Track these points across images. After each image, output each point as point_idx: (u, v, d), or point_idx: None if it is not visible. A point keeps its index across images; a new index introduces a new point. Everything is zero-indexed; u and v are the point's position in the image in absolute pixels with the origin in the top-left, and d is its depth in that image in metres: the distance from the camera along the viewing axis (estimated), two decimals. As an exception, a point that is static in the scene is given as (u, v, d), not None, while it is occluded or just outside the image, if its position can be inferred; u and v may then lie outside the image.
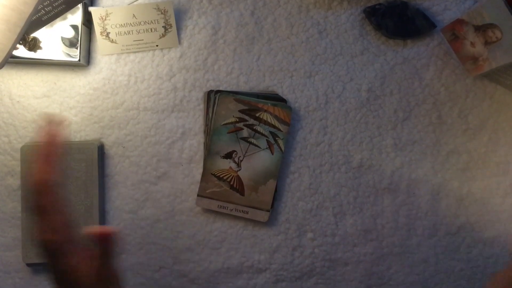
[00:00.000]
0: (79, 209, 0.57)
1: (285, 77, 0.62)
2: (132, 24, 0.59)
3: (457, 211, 0.62)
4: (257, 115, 0.60)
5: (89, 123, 0.60)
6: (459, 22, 0.57)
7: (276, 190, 0.60)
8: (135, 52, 0.60)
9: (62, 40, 0.57)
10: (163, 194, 0.60)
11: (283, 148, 0.60)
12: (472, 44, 0.57)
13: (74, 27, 0.57)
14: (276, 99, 0.61)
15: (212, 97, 0.60)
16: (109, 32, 0.59)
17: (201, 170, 0.60)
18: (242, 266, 0.61)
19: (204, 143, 0.61)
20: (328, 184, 0.61)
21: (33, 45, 0.54)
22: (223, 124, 0.60)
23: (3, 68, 0.43)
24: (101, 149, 0.59)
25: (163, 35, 0.60)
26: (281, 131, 0.60)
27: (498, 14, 0.52)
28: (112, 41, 0.59)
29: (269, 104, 0.60)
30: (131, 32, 0.59)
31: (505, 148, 0.62)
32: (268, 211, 0.60)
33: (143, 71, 0.61)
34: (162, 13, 0.59)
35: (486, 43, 0.55)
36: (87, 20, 0.59)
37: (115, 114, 0.60)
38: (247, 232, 0.61)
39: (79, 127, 0.60)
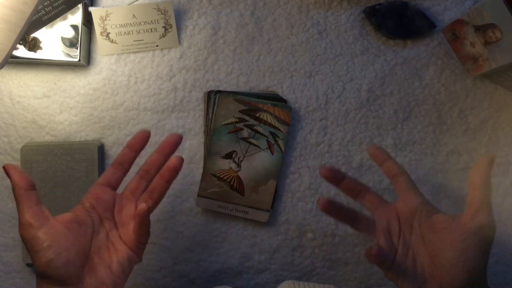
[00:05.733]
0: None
1: (285, 77, 0.62)
2: (132, 24, 0.59)
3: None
4: (257, 115, 0.60)
5: (89, 123, 0.60)
6: (459, 22, 0.57)
7: (276, 190, 0.60)
8: (135, 52, 0.60)
9: (62, 40, 0.57)
10: (163, 194, 0.60)
11: (283, 148, 0.60)
12: (472, 44, 0.57)
13: (74, 27, 0.57)
14: (276, 99, 0.61)
15: (212, 97, 0.60)
16: (109, 32, 0.59)
17: (201, 170, 0.60)
18: (242, 267, 0.61)
19: (204, 143, 0.61)
20: (328, 185, 0.61)
21: (33, 45, 0.54)
22: (223, 124, 0.60)
23: (3, 68, 0.43)
24: (101, 149, 0.59)
25: (163, 35, 0.60)
26: (281, 131, 0.60)
27: (498, 14, 0.52)
28: (112, 41, 0.59)
29: (269, 104, 0.60)
30: (131, 32, 0.59)
31: (505, 148, 0.62)
32: (268, 211, 0.59)
33: (143, 71, 0.61)
34: (162, 13, 0.59)
35: (486, 43, 0.55)
36: (87, 20, 0.59)
37: (115, 114, 0.60)
38: (247, 232, 0.61)
39: (79, 127, 0.60)
